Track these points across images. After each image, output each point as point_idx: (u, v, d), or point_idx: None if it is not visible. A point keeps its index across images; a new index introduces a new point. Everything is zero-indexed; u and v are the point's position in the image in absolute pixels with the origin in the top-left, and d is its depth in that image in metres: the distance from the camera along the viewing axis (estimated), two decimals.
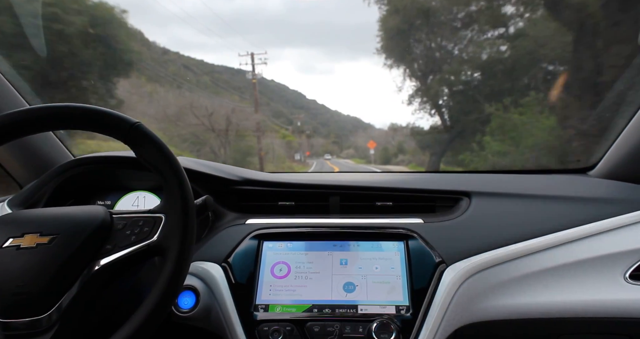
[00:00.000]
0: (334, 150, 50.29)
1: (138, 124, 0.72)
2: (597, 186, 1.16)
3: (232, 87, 36.71)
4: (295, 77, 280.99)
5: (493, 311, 0.89)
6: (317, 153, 50.16)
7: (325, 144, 55.14)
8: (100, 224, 0.70)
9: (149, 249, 0.68)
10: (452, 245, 0.93)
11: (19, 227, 0.70)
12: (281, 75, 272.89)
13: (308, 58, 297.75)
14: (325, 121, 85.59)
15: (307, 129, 56.09)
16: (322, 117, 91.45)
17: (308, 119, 78.74)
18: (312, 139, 55.28)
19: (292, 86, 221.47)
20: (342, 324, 0.84)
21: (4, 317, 0.62)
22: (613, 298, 0.89)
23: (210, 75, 39.55)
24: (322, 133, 65.14)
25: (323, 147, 53.30)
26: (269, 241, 0.98)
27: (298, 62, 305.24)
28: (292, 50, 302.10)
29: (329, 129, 71.77)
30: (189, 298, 0.90)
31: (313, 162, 31.34)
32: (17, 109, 0.71)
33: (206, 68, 43.66)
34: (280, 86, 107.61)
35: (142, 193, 1.18)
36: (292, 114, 63.02)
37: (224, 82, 39.10)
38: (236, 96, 30.36)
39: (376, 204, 1.12)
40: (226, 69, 55.25)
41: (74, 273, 0.65)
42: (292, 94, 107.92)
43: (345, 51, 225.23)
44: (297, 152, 30.18)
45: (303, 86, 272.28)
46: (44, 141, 1.25)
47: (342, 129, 65.18)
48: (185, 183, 0.71)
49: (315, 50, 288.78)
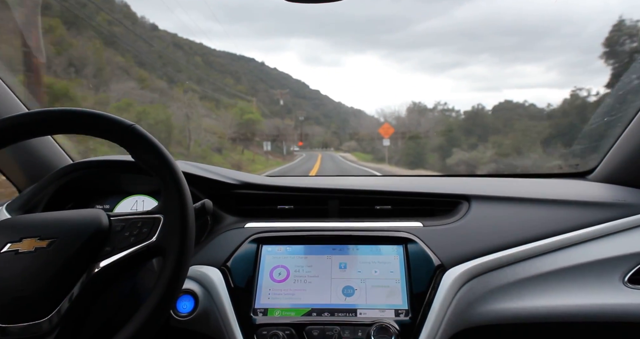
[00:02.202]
0: (333, 141, 45.70)
1: (133, 126, 0.72)
2: (595, 190, 1.16)
3: (227, 71, 35.88)
4: (300, 68, 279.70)
5: (492, 315, 0.89)
6: (312, 145, 45.69)
7: (322, 133, 49.88)
8: (98, 226, 0.70)
9: (148, 249, 0.68)
10: (451, 249, 0.93)
11: (17, 232, 0.69)
12: (285, 64, 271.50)
13: (315, 48, 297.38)
14: (327, 112, 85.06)
15: (300, 115, 50.16)
16: (324, 108, 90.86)
17: (310, 109, 78.17)
18: (307, 126, 49.61)
19: (295, 75, 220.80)
20: (341, 328, 0.84)
21: (4, 322, 0.61)
22: (612, 301, 0.89)
23: (204, 56, 38.81)
24: (323, 123, 63.15)
25: (319, 137, 48.35)
26: (268, 244, 0.97)
27: (304, 53, 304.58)
28: (298, 40, 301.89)
29: (331, 120, 70.38)
30: (187, 302, 0.90)
31: (301, 154, 25.11)
32: (11, 115, 0.71)
33: (202, 50, 42.77)
34: (283, 74, 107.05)
35: (141, 197, 1.17)
36: (294, 104, 61.29)
37: (219, 65, 38.43)
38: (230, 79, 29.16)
39: (375, 207, 1.12)
40: (227, 54, 53.90)
41: (73, 275, 0.65)
42: (295, 83, 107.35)
43: (352, 43, 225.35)
44: (267, 141, 21.76)
45: (307, 75, 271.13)
46: (43, 145, 1.25)
47: (344, 121, 63.63)
48: (182, 183, 0.71)
49: (322, 41, 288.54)
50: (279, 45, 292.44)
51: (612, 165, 1.20)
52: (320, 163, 20.59)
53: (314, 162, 20.23)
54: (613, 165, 1.20)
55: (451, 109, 21.61)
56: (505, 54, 65.68)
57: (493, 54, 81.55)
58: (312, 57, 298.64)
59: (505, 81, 50.74)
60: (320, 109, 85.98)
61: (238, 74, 30.66)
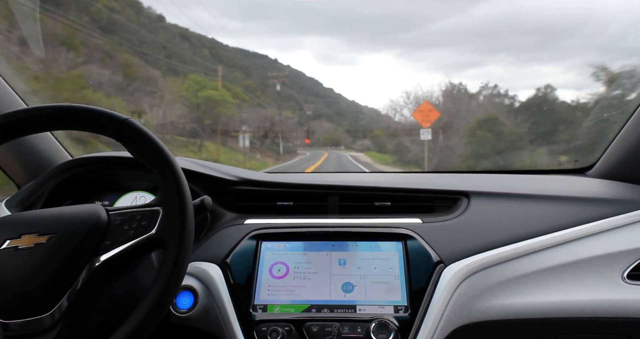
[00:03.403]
0: (345, 139, 40.77)
1: (128, 120, 0.72)
2: (595, 186, 1.16)
3: (236, 66, 35.11)
4: (314, 66, 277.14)
5: (491, 311, 0.89)
6: (320, 142, 41.97)
7: (332, 130, 45.52)
8: (97, 220, 0.70)
9: (148, 242, 0.68)
10: (451, 245, 0.93)
11: (15, 228, 0.70)
12: (299, 62, 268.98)
13: (330, 47, 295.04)
14: (341, 110, 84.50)
15: (308, 109, 44.26)
16: (338, 106, 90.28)
17: (323, 107, 77.46)
18: (316, 122, 44.49)
19: (309, 73, 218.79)
20: (340, 324, 0.84)
21: (5, 318, 0.62)
22: (611, 297, 0.89)
23: (212, 49, 38.05)
24: (335, 121, 61.22)
25: (328, 134, 44.09)
26: (268, 241, 0.97)
27: (319, 51, 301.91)
28: (314, 39, 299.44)
29: (344, 118, 69.17)
30: (187, 298, 0.90)
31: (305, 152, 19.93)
32: (7, 111, 0.71)
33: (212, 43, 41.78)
34: (297, 72, 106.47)
35: (140, 193, 1.17)
36: (306, 101, 59.86)
37: (228, 59, 37.71)
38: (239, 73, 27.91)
39: (375, 204, 1.12)
40: (238, 50, 52.55)
41: (74, 270, 0.65)
42: (308, 81, 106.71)
43: (367, 42, 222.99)
44: (245, 133, 16.30)
45: (320, 73, 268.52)
46: (42, 141, 1.25)
47: (358, 120, 62.68)
48: (179, 174, 0.71)
49: (337, 40, 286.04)
50: (294, 43, 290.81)
51: (611, 161, 1.20)
52: (319, 168, 16.76)
53: (307, 167, 16.52)
54: (612, 161, 1.20)
55: (504, 94, 16.98)
56: (523, 53, 65.03)
57: (510, 53, 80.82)
58: (327, 56, 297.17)
59: (522, 82, 50.37)
60: (334, 107, 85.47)
61: (249, 69, 30.04)
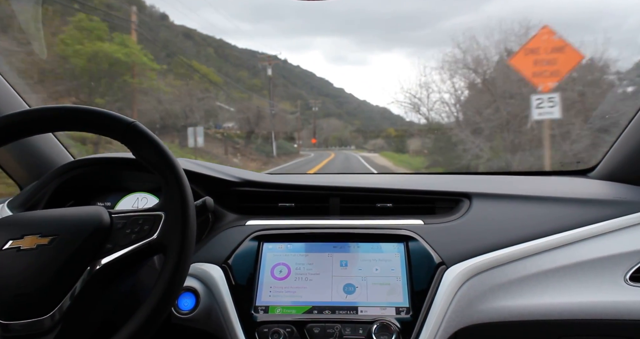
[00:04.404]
0: (355, 138, 37.15)
1: (134, 123, 0.72)
2: (597, 187, 1.16)
3: (243, 65, 34.55)
4: (325, 66, 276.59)
5: (493, 313, 0.89)
6: (327, 142, 39.43)
7: (341, 129, 42.27)
8: (99, 223, 0.70)
9: (149, 246, 0.68)
10: (453, 246, 0.93)
11: (18, 229, 0.70)
12: (309, 62, 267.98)
13: (340, 47, 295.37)
14: (351, 110, 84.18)
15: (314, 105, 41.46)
16: (348, 105, 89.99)
17: (333, 107, 76.84)
18: (323, 120, 41.14)
19: (319, 73, 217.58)
20: (342, 325, 0.84)
21: (6, 319, 0.62)
22: (613, 299, 0.89)
23: (218, 49, 37.49)
24: (345, 120, 59.66)
25: (337, 133, 41.18)
26: (269, 242, 0.97)
27: (330, 51, 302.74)
28: (324, 39, 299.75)
29: (355, 118, 68.37)
30: (188, 299, 0.90)
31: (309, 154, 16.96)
32: (13, 112, 0.71)
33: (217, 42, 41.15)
34: (307, 72, 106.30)
35: (142, 194, 1.17)
36: (317, 100, 58.52)
37: (235, 58, 37.19)
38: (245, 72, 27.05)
39: (376, 205, 1.12)
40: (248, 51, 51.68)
41: (75, 272, 0.65)
42: (319, 81, 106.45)
43: (378, 41, 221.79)
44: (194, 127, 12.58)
45: (331, 73, 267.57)
46: (44, 143, 1.25)
47: (369, 119, 62.14)
48: (183, 180, 0.71)
49: (347, 40, 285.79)
50: (305, 44, 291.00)
51: (613, 162, 1.20)
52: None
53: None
54: (615, 162, 1.20)
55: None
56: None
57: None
58: (337, 56, 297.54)
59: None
60: (344, 107, 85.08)
61: (256, 69, 29.69)
